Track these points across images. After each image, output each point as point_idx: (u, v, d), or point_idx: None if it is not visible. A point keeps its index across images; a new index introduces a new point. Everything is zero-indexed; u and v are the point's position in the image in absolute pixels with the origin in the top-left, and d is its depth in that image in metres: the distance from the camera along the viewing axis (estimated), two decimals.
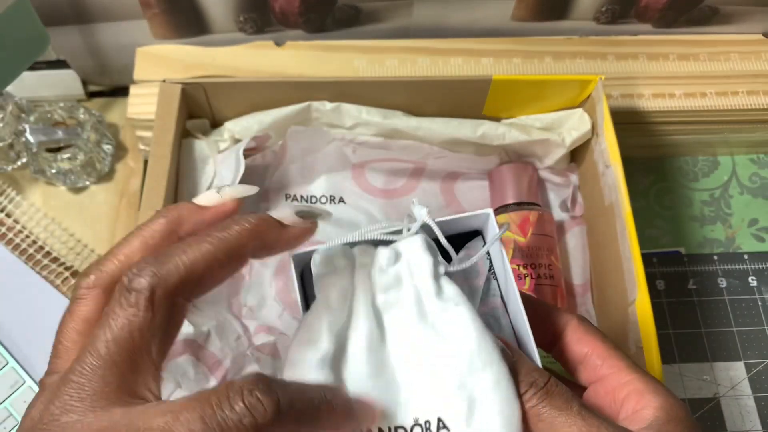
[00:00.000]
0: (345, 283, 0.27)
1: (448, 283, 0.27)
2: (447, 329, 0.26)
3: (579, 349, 0.30)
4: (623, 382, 0.28)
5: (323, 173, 0.54)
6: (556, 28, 0.60)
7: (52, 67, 0.60)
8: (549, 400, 0.25)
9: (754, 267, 0.57)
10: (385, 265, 0.27)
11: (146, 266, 0.22)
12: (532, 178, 0.53)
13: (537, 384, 0.26)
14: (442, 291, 0.27)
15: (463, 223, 0.31)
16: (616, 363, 0.29)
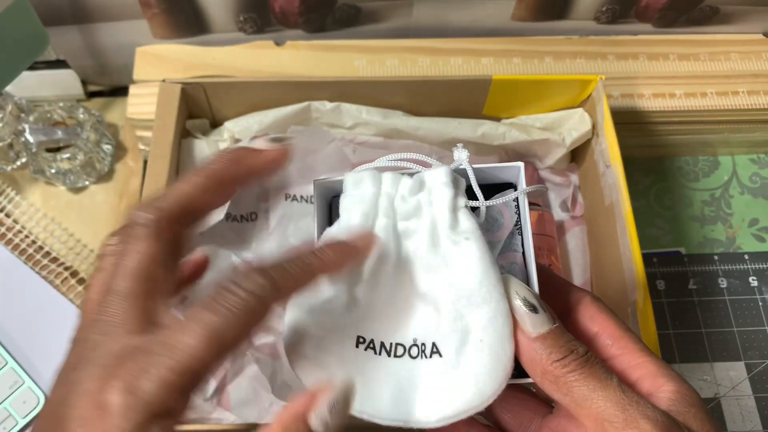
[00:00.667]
0: (368, 207, 0.28)
1: (466, 217, 0.28)
2: (455, 261, 0.27)
3: (590, 327, 0.29)
4: (634, 363, 0.27)
5: (323, 173, 0.54)
6: (557, 27, 0.60)
7: (52, 67, 0.60)
8: (589, 369, 0.25)
9: (755, 267, 0.57)
10: (407, 193, 0.28)
11: (149, 203, 0.24)
12: (532, 178, 0.53)
13: (578, 352, 0.26)
14: (458, 224, 0.28)
15: (496, 174, 0.32)
16: (627, 344, 0.28)
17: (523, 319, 0.26)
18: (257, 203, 0.54)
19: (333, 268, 0.25)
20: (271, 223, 0.53)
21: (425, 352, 0.27)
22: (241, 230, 0.53)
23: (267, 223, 0.53)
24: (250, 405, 0.47)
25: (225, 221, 0.52)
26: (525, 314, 0.26)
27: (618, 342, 0.28)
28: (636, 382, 0.27)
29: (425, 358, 0.27)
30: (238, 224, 0.53)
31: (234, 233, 0.53)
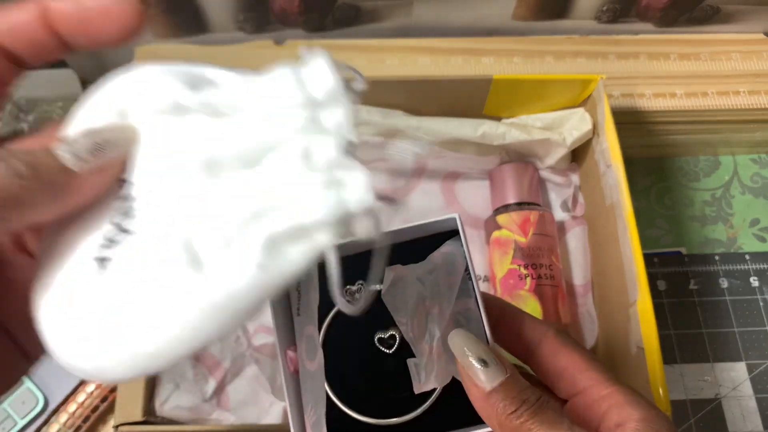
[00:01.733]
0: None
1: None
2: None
3: (556, 363, 0.30)
4: (603, 395, 0.28)
5: None
6: (557, 27, 0.60)
7: (52, 67, 0.60)
8: (540, 416, 0.26)
9: (756, 267, 0.57)
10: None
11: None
12: (532, 178, 0.53)
13: (530, 401, 0.26)
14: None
15: (436, 227, 0.31)
16: (594, 375, 0.29)
17: (476, 374, 0.27)
18: None
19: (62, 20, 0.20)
20: None
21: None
22: None
23: None
24: (250, 405, 0.47)
25: None
26: (477, 370, 0.27)
27: (585, 375, 0.29)
28: (605, 414, 0.28)
29: None
30: None
31: None
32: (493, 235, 0.51)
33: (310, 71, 0.19)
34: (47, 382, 0.49)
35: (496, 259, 0.50)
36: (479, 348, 0.27)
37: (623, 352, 0.44)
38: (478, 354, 0.27)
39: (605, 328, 0.49)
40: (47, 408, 0.48)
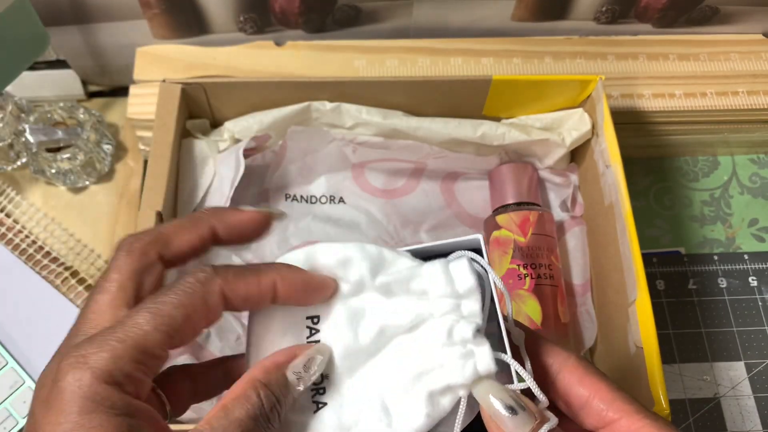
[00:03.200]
0: (347, 255, 0.28)
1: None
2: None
3: (579, 392, 0.28)
4: (635, 428, 0.26)
5: (323, 173, 0.54)
6: (556, 28, 0.60)
7: (52, 67, 0.60)
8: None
9: (755, 267, 0.57)
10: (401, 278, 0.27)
11: (138, 235, 0.27)
12: (532, 178, 0.53)
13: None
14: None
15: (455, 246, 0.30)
16: (623, 407, 0.27)
17: (504, 423, 0.25)
18: (257, 203, 0.54)
19: (285, 288, 0.26)
20: None
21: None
22: None
23: None
24: None
25: None
26: (505, 418, 0.25)
27: (613, 406, 0.27)
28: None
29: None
30: None
31: None
32: (493, 235, 0.51)
33: (456, 269, 0.26)
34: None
35: (495, 259, 0.50)
36: (506, 395, 0.26)
37: (622, 351, 0.45)
38: (506, 401, 0.25)
39: (604, 327, 0.49)
40: None
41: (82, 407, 0.21)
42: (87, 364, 0.21)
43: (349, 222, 0.53)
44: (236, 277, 0.25)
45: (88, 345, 0.22)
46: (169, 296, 0.23)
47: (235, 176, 0.48)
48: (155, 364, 0.23)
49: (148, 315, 0.23)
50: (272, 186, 0.54)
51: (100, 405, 0.21)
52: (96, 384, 0.21)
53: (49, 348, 0.51)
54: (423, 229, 0.54)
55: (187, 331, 0.23)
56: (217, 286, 0.24)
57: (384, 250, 0.27)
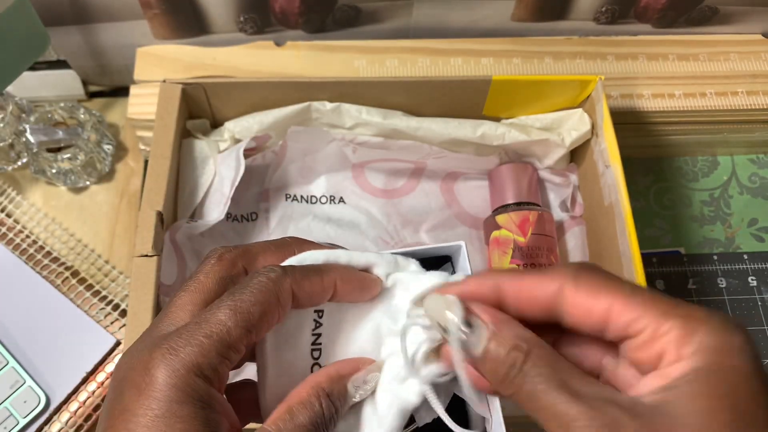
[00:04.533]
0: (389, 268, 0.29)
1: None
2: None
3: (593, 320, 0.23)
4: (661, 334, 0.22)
5: (323, 173, 0.55)
6: (556, 28, 0.60)
7: (53, 68, 0.60)
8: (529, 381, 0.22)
9: (754, 267, 0.57)
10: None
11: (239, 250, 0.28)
12: (531, 178, 0.53)
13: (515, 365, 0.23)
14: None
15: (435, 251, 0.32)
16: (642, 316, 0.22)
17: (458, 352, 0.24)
18: (257, 203, 0.54)
19: (344, 286, 0.27)
20: (271, 223, 0.53)
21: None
22: (241, 230, 0.53)
23: (267, 223, 0.53)
24: None
25: (226, 221, 0.52)
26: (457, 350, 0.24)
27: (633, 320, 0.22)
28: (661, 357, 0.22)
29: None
30: (238, 224, 0.53)
31: (234, 233, 0.53)
32: (493, 235, 0.51)
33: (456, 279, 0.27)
34: (49, 381, 0.49)
35: (495, 258, 0.50)
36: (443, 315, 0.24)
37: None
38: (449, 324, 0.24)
39: None
40: (49, 407, 0.49)
41: (173, 397, 0.22)
42: (178, 357, 0.23)
43: (349, 222, 0.53)
44: (303, 276, 0.26)
45: (178, 338, 0.23)
46: (246, 294, 0.25)
47: (236, 176, 0.48)
48: (236, 358, 0.24)
49: (228, 311, 0.24)
50: (272, 186, 0.54)
51: (190, 396, 0.22)
52: (187, 376, 0.23)
53: (50, 348, 0.51)
54: (423, 229, 0.54)
55: (262, 326, 0.25)
56: (288, 284, 0.25)
57: (398, 257, 0.29)
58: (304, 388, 0.26)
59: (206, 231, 0.49)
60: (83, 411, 0.49)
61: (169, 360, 0.23)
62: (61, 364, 0.50)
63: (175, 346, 0.23)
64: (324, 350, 0.28)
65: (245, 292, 0.25)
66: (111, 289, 0.54)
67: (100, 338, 0.51)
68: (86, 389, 0.49)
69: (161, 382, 0.22)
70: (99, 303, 0.53)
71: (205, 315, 0.24)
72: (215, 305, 0.24)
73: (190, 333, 0.24)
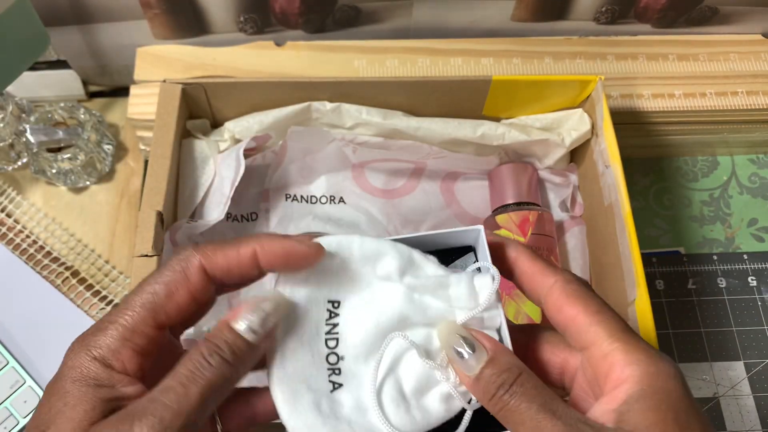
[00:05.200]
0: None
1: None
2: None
3: (560, 317, 0.28)
4: (605, 353, 0.26)
5: (323, 173, 0.55)
6: (556, 28, 0.60)
7: (53, 68, 0.60)
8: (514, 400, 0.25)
9: (754, 267, 0.57)
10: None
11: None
12: (531, 178, 0.53)
13: (504, 385, 0.26)
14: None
15: (454, 238, 0.31)
16: (597, 332, 0.27)
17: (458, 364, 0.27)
18: (257, 203, 0.54)
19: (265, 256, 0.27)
20: (271, 223, 0.53)
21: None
22: (241, 230, 0.53)
23: (267, 223, 0.53)
24: None
25: (225, 221, 0.52)
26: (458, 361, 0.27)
27: (586, 332, 0.27)
28: (606, 378, 0.26)
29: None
30: (238, 224, 0.53)
31: (234, 233, 0.53)
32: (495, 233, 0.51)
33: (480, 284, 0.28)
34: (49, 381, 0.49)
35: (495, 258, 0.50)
36: (456, 336, 0.27)
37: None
38: (455, 343, 0.27)
39: None
40: None
41: (70, 376, 0.25)
42: (83, 344, 0.25)
43: (349, 222, 0.53)
44: (215, 251, 0.26)
45: (90, 330, 0.26)
46: (155, 275, 0.26)
47: (236, 176, 0.48)
48: (142, 340, 0.25)
49: (134, 296, 0.26)
50: (272, 186, 0.54)
51: (87, 378, 0.25)
52: (84, 359, 0.25)
53: (50, 348, 0.51)
54: (423, 229, 0.54)
55: (170, 306, 0.26)
56: (197, 261, 0.26)
57: (414, 252, 0.29)
58: (182, 351, 0.28)
59: (206, 231, 0.49)
60: None
61: (74, 347, 0.25)
62: None
63: (84, 335, 0.25)
64: (341, 339, 0.28)
65: (155, 275, 0.26)
66: (111, 289, 0.54)
67: None
68: None
69: (65, 365, 0.25)
70: (99, 303, 0.53)
71: (121, 303, 0.26)
72: (132, 291, 0.26)
73: (100, 322, 0.26)
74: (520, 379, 0.26)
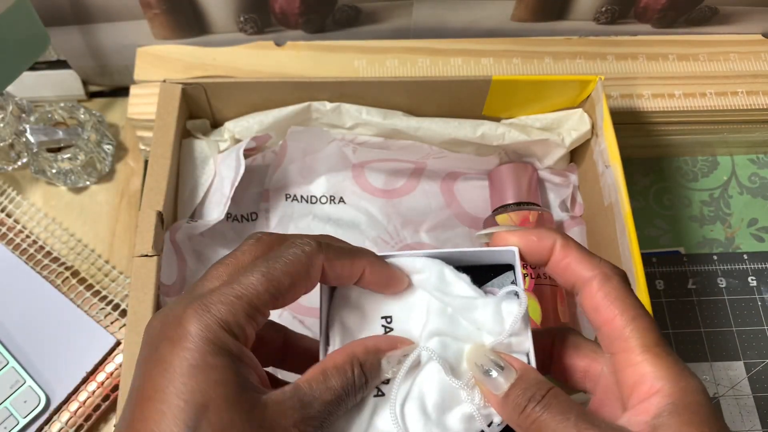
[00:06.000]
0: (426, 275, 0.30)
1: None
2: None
3: (595, 318, 0.27)
4: (633, 364, 0.26)
5: (323, 173, 0.55)
6: (556, 28, 0.60)
7: (53, 68, 0.60)
8: (549, 411, 0.25)
9: (754, 267, 0.57)
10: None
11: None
12: (531, 178, 0.53)
13: (534, 398, 0.26)
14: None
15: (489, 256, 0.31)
16: (628, 339, 0.26)
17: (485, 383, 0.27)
18: (257, 203, 0.54)
19: (371, 275, 0.28)
20: (271, 223, 0.53)
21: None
22: (241, 230, 0.53)
23: (267, 223, 0.53)
24: None
25: (226, 221, 0.52)
26: (485, 380, 0.27)
27: (619, 338, 0.27)
28: (634, 386, 0.26)
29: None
30: (238, 224, 0.53)
31: (234, 233, 0.53)
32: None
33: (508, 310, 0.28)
34: (49, 380, 0.49)
35: None
36: (485, 357, 0.27)
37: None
38: (484, 363, 0.27)
39: None
40: (49, 407, 0.49)
41: (207, 349, 0.24)
42: (210, 313, 0.24)
43: (349, 222, 0.53)
44: (335, 256, 0.27)
45: (211, 296, 0.25)
46: (279, 263, 0.26)
47: (236, 176, 0.48)
48: (262, 321, 0.26)
49: (260, 276, 0.25)
50: (272, 186, 0.54)
51: (222, 349, 0.24)
52: (218, 331, 0.24)
53: (50, 348, 0.51)
54: (423, 229, 0.54)
55: (289, 295, 0.26)
56: (320, 260, 0.27)
57: (446, 269, 0.29)
58: (340, 355, 0.27)
59: (206, 231, 0.49)
60: (83, 411, 0.49)
61: (202, 315, 0.24)
62: (61, 364, 0.50)
63: (207, 304, 0.24)
64: None
65: (279, 261, 0.26)
66: (111, 289, 0.54)
67: (100, 338, 0.51)
68: (86, 389, 0.49)
69: (194, 335, 0.24)
70: (99, 303, 0.53)
71: (239, 277, 0.25)
72: (249, 269, 0.26)
73: (222, 293, 0.25)
74: (552, 392, 0.26)
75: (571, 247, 0.29)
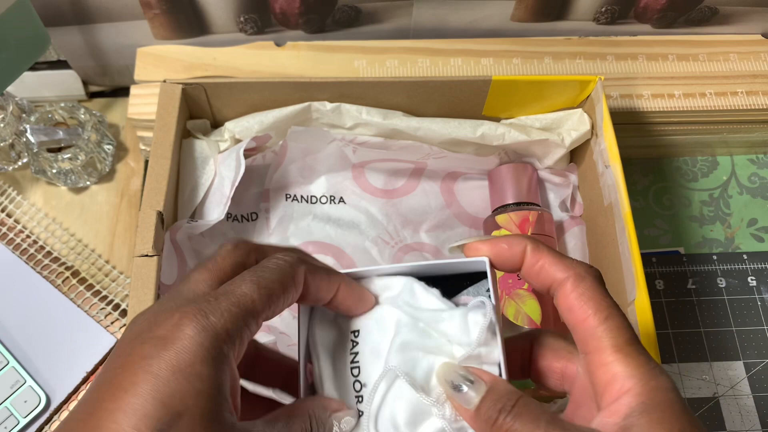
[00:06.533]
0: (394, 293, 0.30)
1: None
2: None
3: (570, 319, 0.27)
4: (605, 363, 0.26)
5: (323, 173, 0.55)
6: (556, 28, 0.60)
7: (53, 68, 0.60)
8: (519, 420, 0.25)
9: (754, 267, 0.57)
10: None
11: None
12: (531, 178, 0.53)
13: (504, 409, 0.26)
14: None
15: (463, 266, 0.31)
16: (601, 339, 0.26)
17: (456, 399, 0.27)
18: (258, 203, 0.54)
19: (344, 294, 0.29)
20: (271, 223, 0.53)
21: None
22: (241, 230, 0.53)
23: (267, 223, 0.53)
24: None
25: (226, 221, 0.53)
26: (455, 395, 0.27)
27: (591, 338, 0.27)
28: (606, 387, 0.26)
29: None
30: (238, 224, 0.53)
31: (235, 233, 0.53)
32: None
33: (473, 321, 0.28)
34: (49, 380, 0.49)
35: None
36: (454, 373, 0.27)
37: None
38: (454, 379, 0.27)
39: None
40: (49, 407, 0.49)
41: (199, 355, 0.23)
42: (208, 320, 0.24)
43: (349, 222, 0.53)
44: (315, 269, 0.27)
45: (207, 303, 0.24)
46: (267, 272, 0.26)
47: (236, 176, 0.48)
48: (255, 330, 0.25)
49: (252, 285, 0.25)
50: (272, 186, 0.54)
51: (214, 359, 0.23)
52: (216, 339, 0.24)
53: (50, 348, 0.51)
54: (423, 229, 0.54)
55: (279, 304, 0.26)
56: (303, 270, 0.27)
57: (416, 284, 0.30)
58: (304, 404, 0.28)
59: (206, 231, 0.49)
60: None
61: (200, 321, 0.24)
62: (62, 364, 0.50)
63: (205, 310, 0.24)
64: (362, 368, 0.29)
65: (266, 271, 0.26)
66: (111, 289, 0.54)
67: (100, 338, 0.51)
68: (86, 389, 0.49)
69: (190, 339, 0.23)
70: (99, 303, 0.53)
71: (230, 288, 0.25)
72: (237, 280, 0.25)
73: (219, 301, 0.24)
74: (521, 401, 0.26)
75: (542, 251, 0.29)
